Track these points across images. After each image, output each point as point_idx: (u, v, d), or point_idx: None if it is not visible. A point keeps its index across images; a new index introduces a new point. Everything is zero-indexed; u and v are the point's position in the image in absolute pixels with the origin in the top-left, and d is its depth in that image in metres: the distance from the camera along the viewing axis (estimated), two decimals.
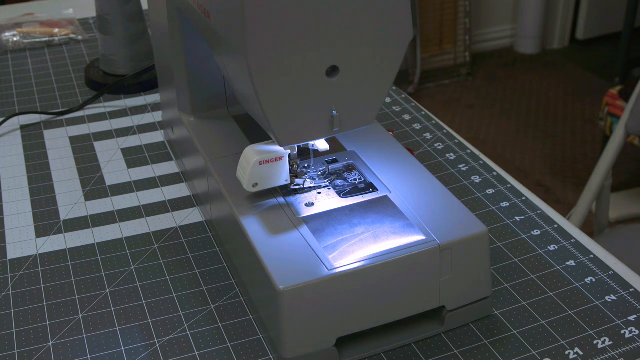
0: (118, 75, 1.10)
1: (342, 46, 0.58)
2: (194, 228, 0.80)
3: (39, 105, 1.06)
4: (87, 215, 0.82)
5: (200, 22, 0.66)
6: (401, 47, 0.61)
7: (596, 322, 0.65)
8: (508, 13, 3.39)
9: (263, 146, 0.66)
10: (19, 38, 1.25)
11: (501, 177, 0.85)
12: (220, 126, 0.80)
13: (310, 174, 0.70)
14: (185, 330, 0.66)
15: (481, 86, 3.11)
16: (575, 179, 2.47)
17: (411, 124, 0.98)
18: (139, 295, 0.70)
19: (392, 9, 0.59)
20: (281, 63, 0.57)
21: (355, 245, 0.62)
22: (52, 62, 1.19)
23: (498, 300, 0.68)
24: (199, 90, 0.81)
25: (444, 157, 0.90)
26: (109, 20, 1.06)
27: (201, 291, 0.71)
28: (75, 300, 0.70)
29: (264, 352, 0.64)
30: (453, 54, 3.19)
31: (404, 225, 0.64)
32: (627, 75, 2.71)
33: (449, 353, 0.63)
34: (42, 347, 0.65)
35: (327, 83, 0.59)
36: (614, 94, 2.21)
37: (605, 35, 3.40)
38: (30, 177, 0.90)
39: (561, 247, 0.74)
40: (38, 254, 0.76)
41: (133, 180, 0.88)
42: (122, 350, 0.64)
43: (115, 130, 0.99)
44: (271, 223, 0.65)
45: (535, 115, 2.87)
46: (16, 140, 0.98)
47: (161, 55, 0.87)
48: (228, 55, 0.62)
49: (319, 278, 0.58)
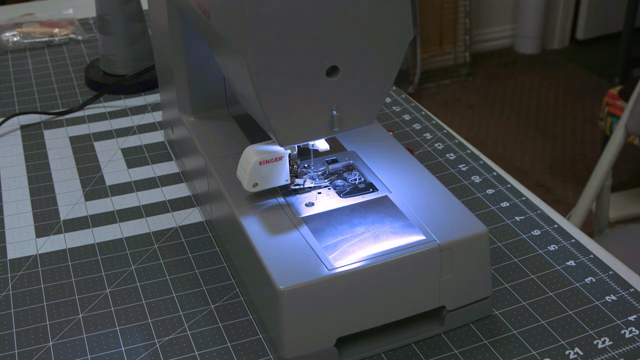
0: (118, 75, 1.10)
1: (342, 46, 0.58)
2: (194, 228, 0.80)
3: (39, 105, 1.06)
4: (87, 215, 0.82)
5: (200, 22, 0.66)
6: (401, 47, 0.61)
7: (596, 322, 0.65)
8: (508, 13, 3.39)
9: (263, 146, 0.66)
10: (19, 38, 1.25)
11: (501, 177, 0.85)
12: (220, 126, 0.80)
13: (310, 174, 0.70)
14: (185, 330, 0.66)
15: (481, 86, 3.11)
16: (575, 179, 2.47)
17: (411, 124, 0.98)
18: (139, 295, 0.70)
19: (392, 9, 0.59)
20: (281, 63, 0.57)
21: (355, 245, 0.62)
22: (52, 62, 1.19)
23: (498, 300, 0.68)
24: (199, 90, 0.81)
25: (444, 157, 0.90)
26: (109, 20, 1.06)
27: (201, 291, 0.71)
28: (75, 300, 0.70)
29: (264, 352, 0.64)
30: (453, 54, 3.19)
31: (404, 225, 0.64)
32: (627, 75, 2.71)
33: (449, 353, 0.63)
34: (42, 347, 0.65)
35: (327, 83, 0.59)
36: (614, 94, 2.21)
37: (605, 35, 3.40)
38: (30, 177, 0.90)
39: (561, 247, 0.74)
40: (38, 254, 0.76)
41: (133, 180, 0.88)
42: (122, 350, 0.64)
43: (115, 130, 0.99)
44: (271, 223, 0.65)
45: (535, 115, 2.87)
46: (16, 140, 0.98)
47: (161, 55, 0.87)
48: (228, 55, 0.62)
49: (319, 278, 0.58)
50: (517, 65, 3.27)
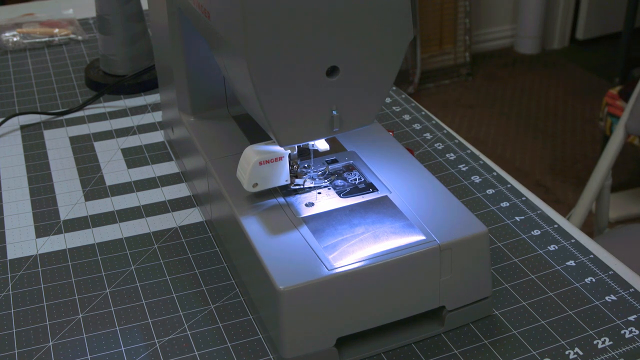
0: (118, 75, 1.10)
1: (342, 46, 0.58)
2: (193, 228, 0.80)
3: (39, 106, 1.06)
4: (87, 216, 0.82)
5: (200, 22, 0.66)
6: (401, 47, 0.61)
7: (596, 322, 0.65)
8: (508, 13, 3.39)
9: (263, 146, 0.66)
10: (19, 38, 1.25)
11: (501, 177, 0.85)
12: (220, 126, 0.80)
13: (310, 174, 0.70)
14: (185, 330, 0.66)
15: (481, 86, 3.11)
16: (575, 179, 2.47)
17: (411, 124, 0.98)
18: (139, 296, 0.70)
19: (392, 9, 0.59)
20: (281, 63, 0.57)
21: (355, 245, 0.62)
22: (52, 62, 1.19)
23: (498, 300, 0.68)
24: (199, 90, 0.81)
25: (444, 157, 0.90)
26: (108, 21, 1.06)
27: (201, 291, 0.71)
28: (75, 300, 0.70)
29: (264, 352, 0.64)
30: (453, 54, 3.19)
31: (404, 225, 0.64)
32: (627, 75, 2.72)
33: (449, 353, 0.63)
34: (42, 347, 0.65)
35: (327, 83, 0.59)
36: (614, 94, 2.21)
37: (605, 35, 3.40)
38: (30, 177, 0.90)
39: (561, 247, 0.74)
40: (38, 254, 0.76)
41: (133, 180, 0.88)
42: (122, 350, 0.64)
43: (115, 131, 0.99)
44: (271, 223, 0.65)
45: (535, 115, 2.87)
46: (16, 140, 0.98)
47: (161, 55, 0.87)
48: (228, 55, 0.62)
49: (319, 278, 0.58)
50: (517, 66, 3.27)
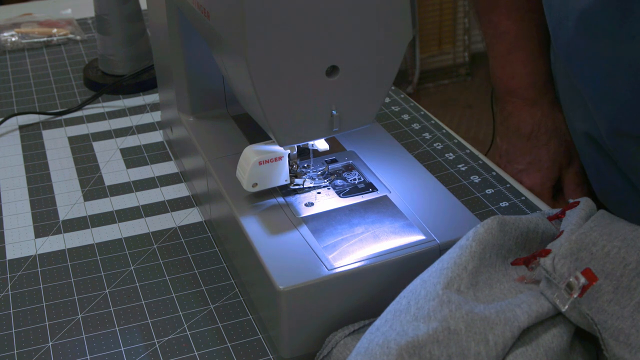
0: (117, 75, 1.10)
1: (342, 46, 0.58)
2: (193, 228, 0.79)
3: (38, 106, 1.06)
4: (86, 216, 0.82)
5: (199, 22, 0.66)
6: (401, 47, 0.61)
7: None
8: None
9: (262, 146, 0.66)
10: (17, 38, 1.25)
11: (500, 177, 0.85)
12: (220, 126, 0.80)
13: (309, 174, 0.70)
14: (184, 331, 0.66)
15: (480, 86, 3.11)
16: None
17: (410, 123, 0.98)
18: (139, 296, 0.70)
19: (392, 9, 0.59)
20: (281, 63, 0.57)
21: (355, 245, 0.62)
22: (51, 62, 1.19)
23: None
24: (198, 90, 0.80)
25: (443, 157, 0.90)
26: (107, 20, 1.06)
27: (200, 291, 0.71)
28: (74, 300, 0.70)
29: (264, 352, 0.64)
30: (452, 54, 3.20)
31: (404, 225, 0.64)
32: None
33: None
34: (41, 348, 0.65)
35: (327, 83, 0.59)
36: None
37: None
38: (29, 177, 0.90)
39: None
40: (37, 254, 0.76)
41: (132, 180, 0.88)
42: (121, 350, 0.64)
43: (114, 131, 0.99)
44: (271, 223, 0.65)
45: None
46: (15, 140, 0.98)
47: (160, 55, 0.87)
48: (228, 55, 0.62)
49: (319, 278, 0.58)
50: None
